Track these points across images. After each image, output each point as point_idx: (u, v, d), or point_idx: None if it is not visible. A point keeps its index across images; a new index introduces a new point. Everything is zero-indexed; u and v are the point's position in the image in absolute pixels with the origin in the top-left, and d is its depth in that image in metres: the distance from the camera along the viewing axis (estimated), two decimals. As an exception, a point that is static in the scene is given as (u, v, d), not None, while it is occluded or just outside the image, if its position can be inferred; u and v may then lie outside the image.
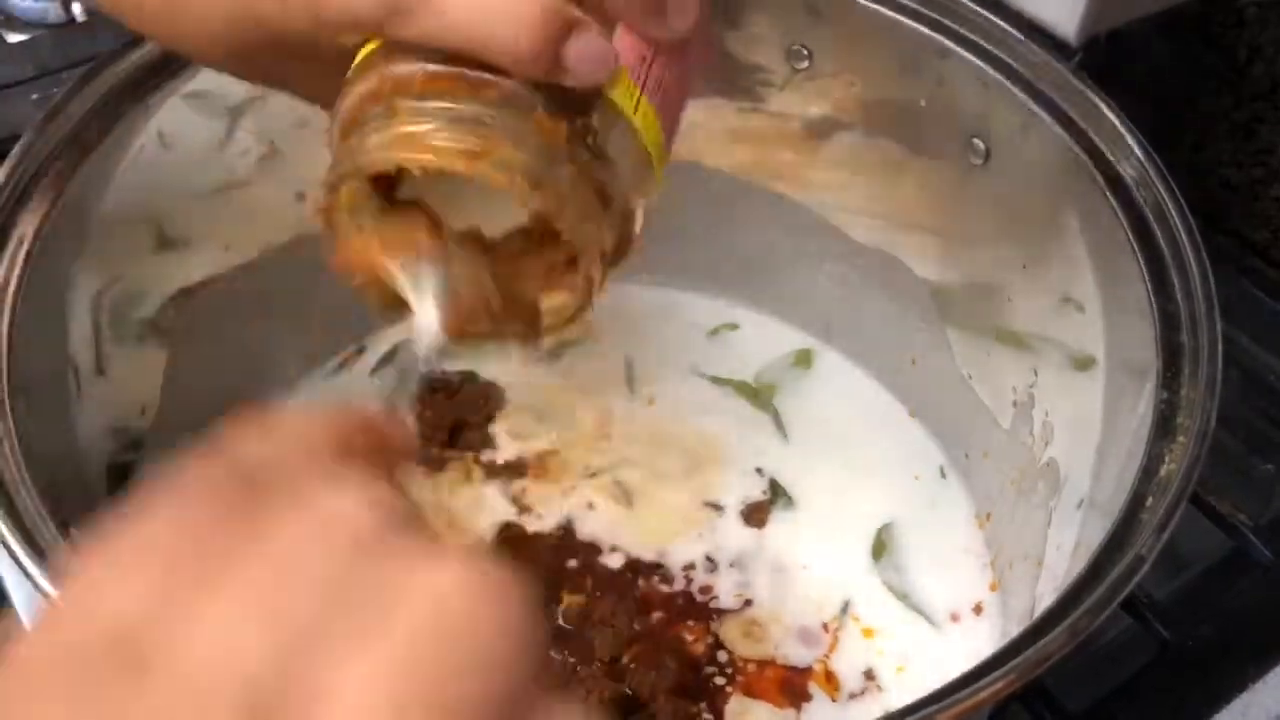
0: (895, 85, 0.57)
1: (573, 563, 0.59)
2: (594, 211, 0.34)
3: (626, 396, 0.67)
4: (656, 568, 0.59)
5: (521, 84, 0.33)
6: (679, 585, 0.58)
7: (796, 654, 0.57)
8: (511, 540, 0.60)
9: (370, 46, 0.35)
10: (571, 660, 0.55)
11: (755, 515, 0.62)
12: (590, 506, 0.61)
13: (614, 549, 0.60)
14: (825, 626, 0.58)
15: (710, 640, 0.57)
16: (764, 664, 0.56)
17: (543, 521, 0.61)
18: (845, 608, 0.58)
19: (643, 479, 0.63)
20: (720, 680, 0.55)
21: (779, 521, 0.62)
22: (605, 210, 0.35)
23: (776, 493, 0.63)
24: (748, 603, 0.58)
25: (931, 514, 0.62)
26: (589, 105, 0.34)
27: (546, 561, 0.59)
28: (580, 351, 0.69)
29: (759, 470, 0.64)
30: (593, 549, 0.60)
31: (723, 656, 0.56)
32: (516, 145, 0.33)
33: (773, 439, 0.65)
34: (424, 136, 0.33)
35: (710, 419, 0.66)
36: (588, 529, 0.60)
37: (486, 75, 0.33)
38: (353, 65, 0.35)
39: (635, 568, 0.59)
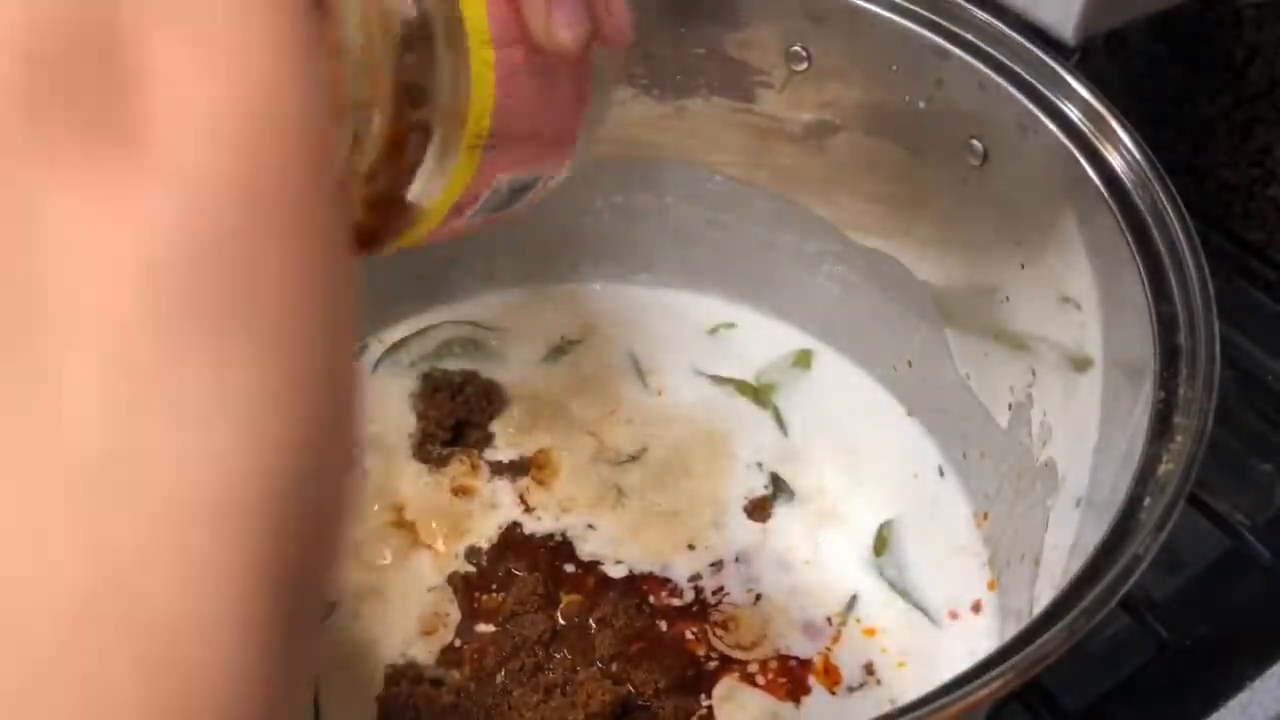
0: (894, 87, 0.57)
1: (570, 567, 0.60)
2: None
3: (636, 389, 0.67)
4: (664, 582, 0.59)
5: None
6: (689, 597, 0.58)
7: (799, 646, 0.57)
8: (513, 541, 0.60)
9: None
10: (570, 659, 0.55)
11: (758, 510, 0.62)
12: (591, 527, 0.61)
13: (618, 562, 0.60)
14: (829, 620, 0.58)
15: (712, 637, 0.57)
16: (766, 658, 0.56)
17: (543, 524, 0.61)
18: (851, 603, 0.58)
19: (641, 484, 0.63)
20: (721, 674, 0.55)
21: (781, 516, 0.62)
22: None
23: (778, 487, 0.63)
24: (758, 597, 0.58)
25: (930, 512, 0.62)
26: None
27: (546, 562, 0.60)
28: (583, 350, 0.69)
29: (759, 464, 0.64)
30: (594, 562, 0.60)
31: (724, 652, 0.56)
32: None
33: (774, 435, 0.65)
34: None
35: (711, 416, 0.66)
36: (588, 548, 0.60)
37: None
38: None
39: (640, 580, 0.59)
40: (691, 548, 0.60)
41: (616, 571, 0.59)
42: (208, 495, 0.15)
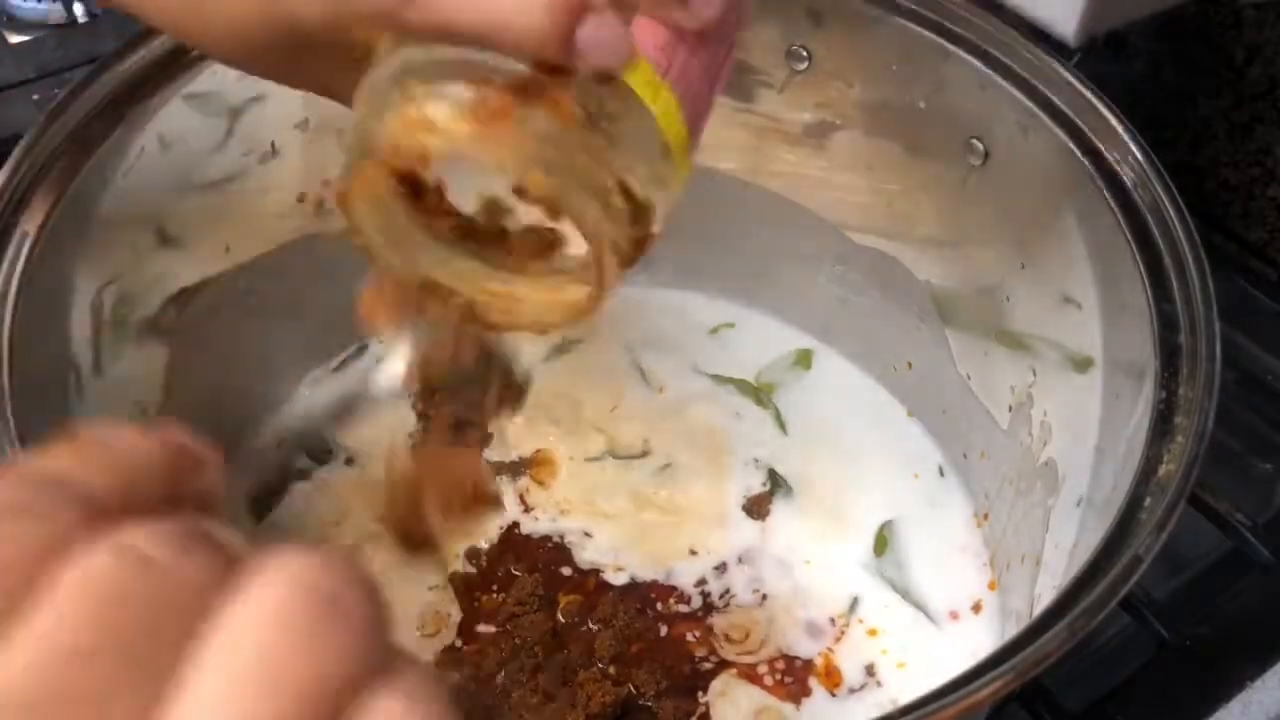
0: (894, 87, 0.57)
1: (569, 570, 0.59)
2: (606, 199, 0.34)
3: (637, 388, 0.67)
4: (671, 590, 0.59)
5: (535, 70, 0.32)
6: (696, 603, 0.58)
7: (801, 646, 0.57)
8: (513, 541, 0.60)
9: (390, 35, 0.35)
10: (570, 660, 0.55)
11: (757, 507, 0.62)
12: (588, 534, 0.61)
13: (619, 569, 0.60)
14: (832, 621, 0.58)
15: (713, 637, 0.57)
16: (771, 658, 0.56)
17: (541, 525, 0.61)
18: (854, 605, 0.58)
19: (642, 484, 0.63)
20: (721, 675, 0.55)
21: (781, 515, 0.62)
22: (620, 200, 0.34)
23: (775, 482, 0.63)
24: (764, 597, 0.58)
25: (931, 513, 0.62)
26: (605, 92, 0.34)
27: (546, 563, 0.59)
28: (583, 350, 0.69)
29: (756, 461, 0.64)
30: (595, 569, 0.60)
31: (725, 653, 0.56)
32: (527, 128, 0.32)
33: (773, 435, 0.65)
34: (432, 118, 0.32)
35: (711, 416, 0.66)
36: (587, 555, 0.60)
37: (499, 59, 0.32)
38: (374, 54, 0.35)
39: (646, 587, 0.59)
40: (694, 553, 0.60)
41: (618, 579, 0.59)
42: None
